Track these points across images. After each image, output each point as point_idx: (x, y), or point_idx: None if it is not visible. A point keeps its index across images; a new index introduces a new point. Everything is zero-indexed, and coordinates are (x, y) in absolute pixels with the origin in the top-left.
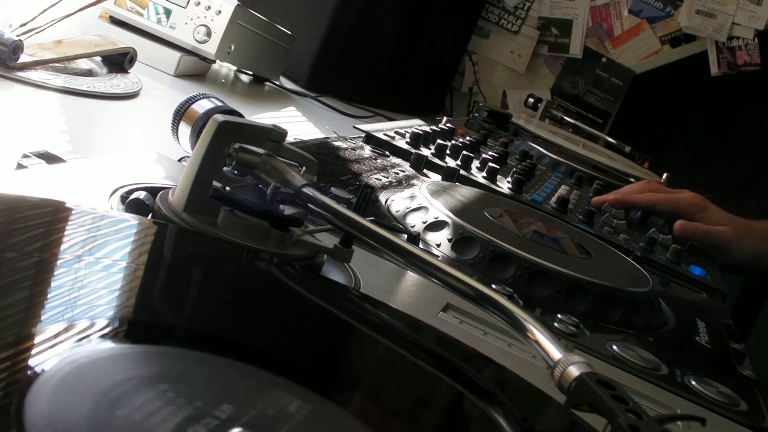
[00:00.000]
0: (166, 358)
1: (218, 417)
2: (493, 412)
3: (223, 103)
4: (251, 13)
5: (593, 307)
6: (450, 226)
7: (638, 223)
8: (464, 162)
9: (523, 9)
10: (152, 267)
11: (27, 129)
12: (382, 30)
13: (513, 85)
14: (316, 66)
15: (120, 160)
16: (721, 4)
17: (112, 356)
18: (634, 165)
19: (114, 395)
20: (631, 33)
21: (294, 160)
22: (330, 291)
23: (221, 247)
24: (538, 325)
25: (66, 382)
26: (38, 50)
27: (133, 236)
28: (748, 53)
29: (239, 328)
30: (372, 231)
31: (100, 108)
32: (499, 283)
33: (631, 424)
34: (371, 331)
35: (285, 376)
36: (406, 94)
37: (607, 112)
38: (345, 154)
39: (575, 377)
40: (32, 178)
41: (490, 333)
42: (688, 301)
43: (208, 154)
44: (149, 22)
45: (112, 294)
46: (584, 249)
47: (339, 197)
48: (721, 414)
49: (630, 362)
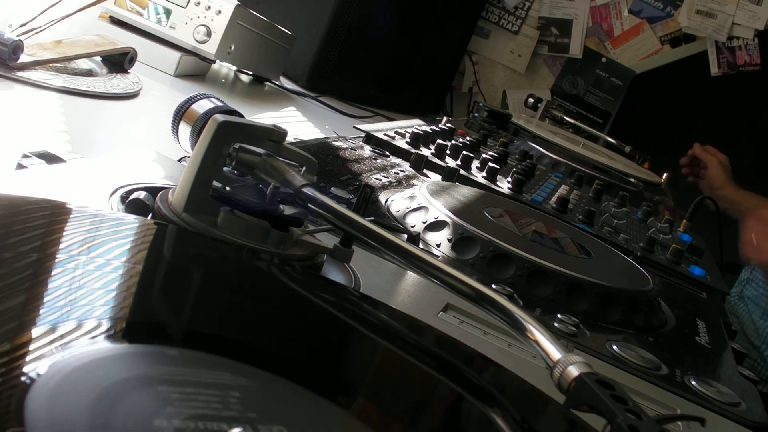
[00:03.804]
0: (166, 359)
1: (218, 417)
2: (492, 413)
3: (223, 103)
4: (251, 13)
5: (593, 307)
6: (450, 226)
7: (638, 222)
8: (464, 162)
9: (523, 9)
10: (152, 267)
11: (27, 129)
12: (382, 30)
13: (513, 85)
14: (316, 66)
15: (120, 160)
16: (721, 4)
17: (111, 356)
18: (634, 165)
19: (114, 396)
20: (631, 33)
21: (294, 160)
22: (330, 291)
23: (221, 247)
24: (538, 325)
25: (66, 383)
26: (38, 50)
27: (133, 236)
28: (748, 53)
29: (240, 329)
30: (372, 231)
31: (100, 108)
32: (499, 283)
33: (631, 425)
34: (371, 331)
35: (285, 377)
36: (406, 94)
37: (607, 112)
38: (345, 154)
39: (575, 377)
40: (32, 178)
41: (490, 333)
42: (688, 301)
43: (208, 154)
44: (149, 22)
45: (112, 294)
46: (584, 249)
47: (339, 197)
48: (721, 414)
49: (630, 362)
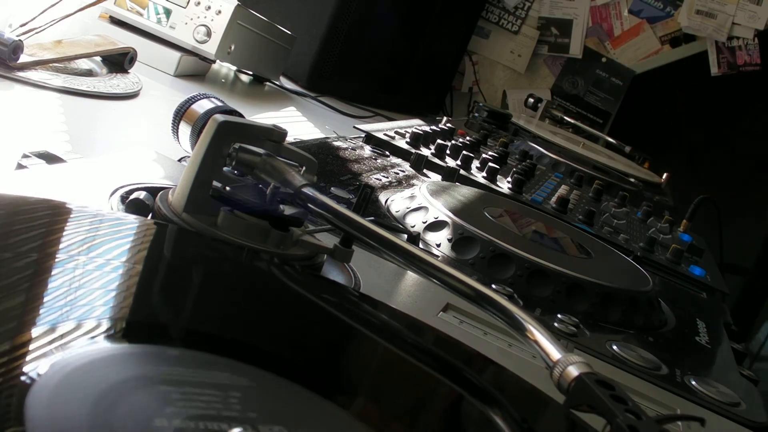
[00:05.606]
0: (166, 359)
1: (218, 417)
2: (492, 413)
3: (223, 103)
4: (251, 13)
5: (593, 307)
6: (450, 226)
7: (638, 222)
8: (464, 162)
9: (523, 9)
10: (152, 267)
11: (27, 129)
12: (382, 30)
13: (513, 85)
14: (316, 66)
15: (120, 160)
16: (721, 4)
17: (112, 356)
18: (634, 165)
19: (115, 396)
20: (631, 33)
21: (294, 160)
22: (330, 291)
23: (221, 247)
24: (538, 325)
25: (67, 383)
26: (38, 50)
27: (133, 236)
28: (748, 53)
29: (240, 329)
30: (372, 231)
31: (100, 108)
32: (499, 283)
33: (630, 425)
34: (371, 331)
35: (285, 376)
36: (406, 94)
37: (607, 112)
38: (345, 154)
39: (574, 377)
40: (32, 178)
41: (490, 333)
42: (688, 301)
43: (208, 154)
44: (149, 22)
45: (112, 294)
46: (584, 249)
47: (339, 197)
48: (721, 414)
49: (630, 362)
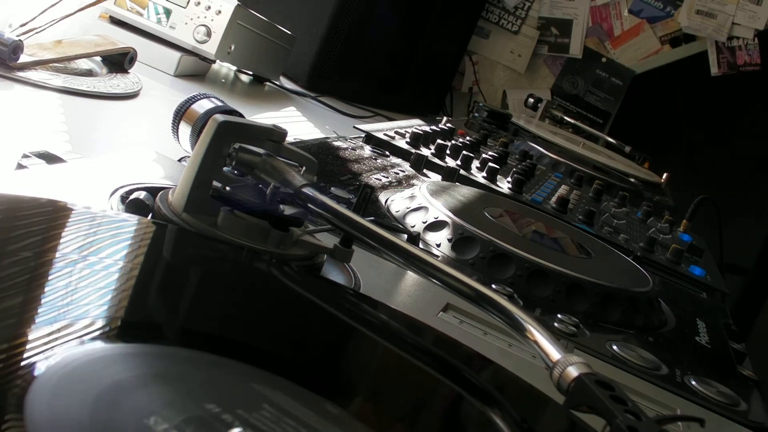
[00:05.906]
0: (166, 358)
1: (218, 417)
2: (492, 413)
3: (223, 103)
4: (251, 13)
5: (593, 307)
6: (450, 226)
7: (638, 222)
8: (464, 162)
9: (523, 9)
10: (152, 267)
11: (27, 129)
12: (382, 30)
13: (513, 85)
14: (316, 66)
15: (120, 160)
16: (721, 4)
17: (111, 356)
18: (634, 165)
19: (114, 395)
20: (631, 33)
21: (294, 160)
22: (330, 291)
23: (221, 248)
24: (538, 326)
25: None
26: (38, 50)
27: (132, 236)
28: (748, 53)
29: (239, 329)
30: (372, 231)
31: (100, 108)
32: (499, 283)
33: (630, 425)
34: (371, 331)
35: (284, 376)
36: (406, 94)
37: (607, 112)
38: (345, 154)
39: (574, 378)
40: (32, 178)
41: (490, 333)
42: (688, 301)
43: (208, 154)
44: (149, 22)
45: (112, 294)
46: (584, 249)
47: (339, 197)
48: (721, 414)
49: (630, 362)
